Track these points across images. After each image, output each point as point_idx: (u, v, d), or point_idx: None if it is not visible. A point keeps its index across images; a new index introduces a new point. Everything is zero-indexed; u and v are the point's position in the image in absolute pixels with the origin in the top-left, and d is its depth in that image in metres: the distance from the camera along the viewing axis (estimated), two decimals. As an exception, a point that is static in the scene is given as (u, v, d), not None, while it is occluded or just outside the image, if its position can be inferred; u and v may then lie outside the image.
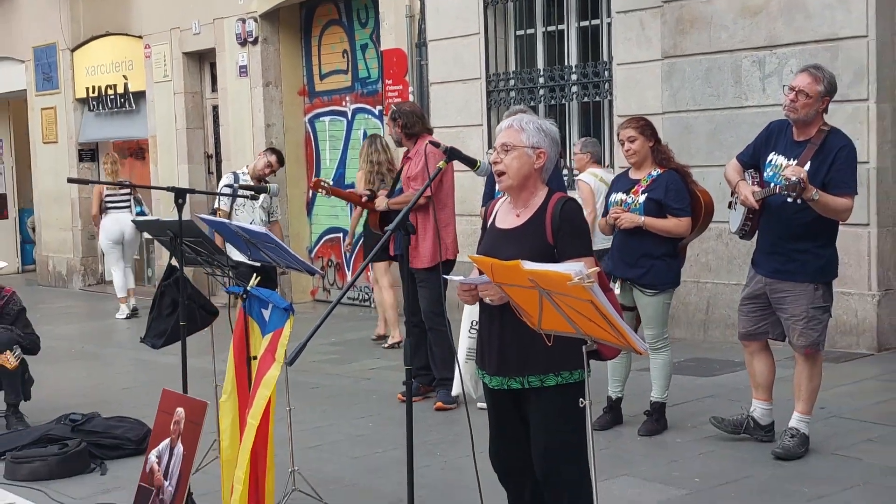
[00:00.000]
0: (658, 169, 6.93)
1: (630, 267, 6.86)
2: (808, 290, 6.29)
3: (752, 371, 6.65)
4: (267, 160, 10.38)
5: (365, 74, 13.70)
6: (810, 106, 6.18)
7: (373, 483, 6.45)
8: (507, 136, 4.57)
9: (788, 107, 6.22)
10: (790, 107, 6.21)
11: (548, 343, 4.20)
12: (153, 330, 6.88)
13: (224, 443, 5.40)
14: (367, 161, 10.68)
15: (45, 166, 18.91)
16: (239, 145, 14.85)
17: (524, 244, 4.46)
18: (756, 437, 6.58)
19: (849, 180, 6.21)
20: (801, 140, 6.28)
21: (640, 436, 6.97)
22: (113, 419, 7.66)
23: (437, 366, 8.17)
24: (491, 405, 4.71)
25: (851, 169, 6.26)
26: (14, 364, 7.84)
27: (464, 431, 4.61)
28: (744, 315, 6.60)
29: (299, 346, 4.18)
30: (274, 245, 5.86)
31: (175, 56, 15.92)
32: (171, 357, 7.95)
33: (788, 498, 5.72)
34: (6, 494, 6.57)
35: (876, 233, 8.85)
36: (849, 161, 6.22)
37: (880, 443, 6.60)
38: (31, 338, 8.32)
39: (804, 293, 6.29)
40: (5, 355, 7.82)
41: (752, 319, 6.55)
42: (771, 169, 6.33)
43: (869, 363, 8.60)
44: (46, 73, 18.60)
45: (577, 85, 11.03)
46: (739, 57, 9.47)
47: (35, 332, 8.44)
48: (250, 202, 10.06)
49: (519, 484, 4.68)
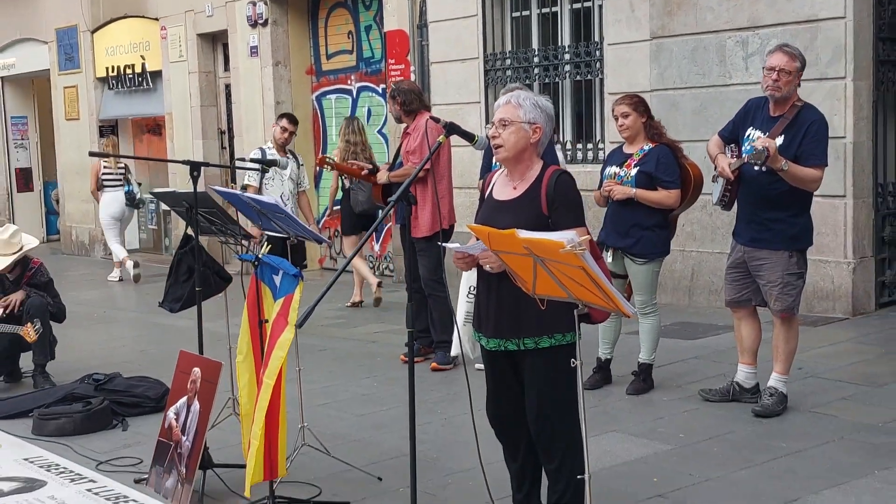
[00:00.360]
0: (650, 144, 6.93)
1: (622, 237, 6.87)
2: (783, 257, 6.30)
3: (739, 336, 6.65)
4: (281, 126, 10.30)
5: (369, 54, 13.65)
6: (790, 82, 6.19)
7: (377, 438, 6.47)
8: (505, 111, 4.56)
9: (771, 87, 6.20)
10: (773, 86, 6.19)
11: (541, 307, 4.21)
12: (171, 295, 6.89)
13: (242, 399, 5.44)
14: (344, 140, 11.07)
15: (68, 142, 18.88)
16: (250, 121, 14.83)
17: (520, 214, 4.46)
18: (743, 400, 6.58)
19: (819, 152, 6.21)
20: (776, 115, 6.28)
21: (628, 395, 6.99)
22: (133, 379, 7.69)
23: (436, 329, 8.20)
24: (488, 365, 4.72)
25: (822, 142, 6.24)
26: (34, 337, 7.86)
27: (462, 390, 4.63)
28: (728, 283, 6.60)
29: (308, 311, 4.18)
30: (283, 215, 5.86)
31: (189, 37, 15.87)
32: (186, 321, 7.98)
33: (768, 452, 5.74)
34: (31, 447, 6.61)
35: (851, 204, 8.84)
36: (819, 134, 6.21)
37: (854, 401, 6.62)
38: (59, 306, 8.35)
39: (779, 260, 6.30)
40: (26, 328, 7.83)
41: (735, 287, 6.55)
42: (748, 143, 6.33)
43: (844, 327, 8.62)
44: (68, 53, 18.54)
45: (570, 64, 10.98)
46: (724, 37, 9.44)
47: (62, 301, 8.46)
48: (279, 176, 10.00)
49: (514, 438, 4.71)
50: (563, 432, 4.49)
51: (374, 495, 5.46)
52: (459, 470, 5.70)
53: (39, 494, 5.76)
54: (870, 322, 8.70)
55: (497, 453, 4.85)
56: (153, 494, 5.61)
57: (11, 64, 20.30)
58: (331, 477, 5.72)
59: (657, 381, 7.13)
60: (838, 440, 5.91)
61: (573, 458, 4.47)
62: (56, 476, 6.06)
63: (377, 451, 6.16)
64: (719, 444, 5.94)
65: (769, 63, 6.24)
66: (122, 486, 5.82)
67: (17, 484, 5.97)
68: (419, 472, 4.47)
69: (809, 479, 5.31)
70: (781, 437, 6.00)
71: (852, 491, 5.13)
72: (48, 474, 6.10)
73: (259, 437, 4.97)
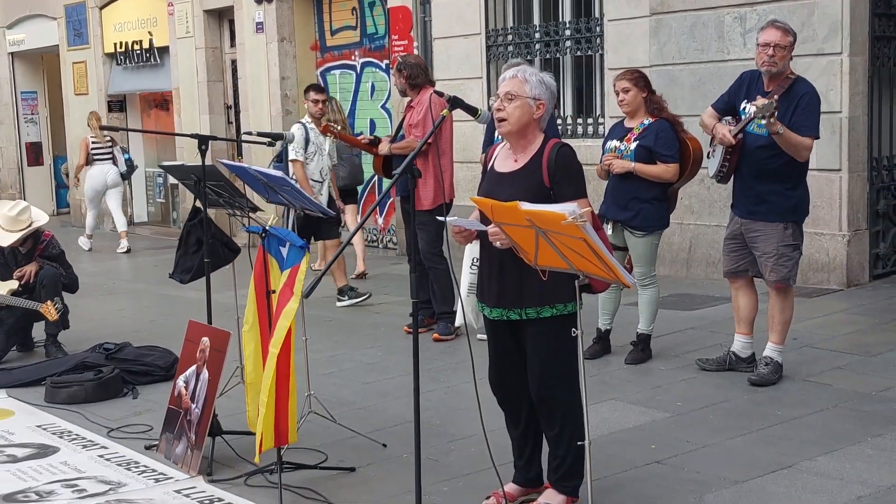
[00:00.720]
0: (650, 118, 6.92)
1: (621, 209, 6.87)
2: (779, 229, 6.31)
3: (736, 306, 6.67)
4: (312, 100, 10.06)
5: (373, 30, 13.61)
6: (784, 57, 6.21)
7: (381, 406, 6.50)
8: (511, 85, 4.56)
9: (767, 62, 6.19)
10: (769, 62, 6.19)
11: (543, 278, 4.24)
12: (180, 266, 6.91)
13: (248, 368, 5.45)
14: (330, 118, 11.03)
15: (77, 116, 18.82)
16: (256, 96, 14.80)
17: (521, 186, 4.47)
18: (739, 369, 6.60)
19: (811, 123, 6.21)
20: (769, 88, 6.27)
21: (627, 364, 7.01)
22: (143, 348, 7.72)
23: (437, 301, 8.21)
24: (491, 335, 4.74)
25: (814, 113, 6.25)
26: (55, 316, 7.92)
27: (464, 360, 4.65)
28: (726, 254, 6.62)
29: (314, 281, 4.20)
30: (290, 188, 5.87)
31: (196, 13, 15.82)
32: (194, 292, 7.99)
33: (764, 420, 5.77)
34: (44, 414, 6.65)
35: (847, 178, 8.83)
36: (811, 105, 6.22)
37: (848, 370, 6.64)
38: (71, 276, 8.38)
39: (774, 232, 6.31)
40: (47, 306, 7.88)
41: (732, 258, 6.57)
42: (745, 116, 6.34)
43: (838, 298, 8.63)
44: (77, 29, 18.49)
45: (571, 40, 10.96)
46: (722, 13, 9.40)
47: (74, 272, 8.49)
48: (320, 151, 9.88)
49: (516, 406, 4.73)
50: (563, 400, 4.52)
51: (378, 461, 5.50)
52: (462, 437, 5.73)
53: (53, 460, 5.80)
54: (864, 293, 8.72)
55: (498, 421, 4.88)
56: (163, 460, 5.66)
57: (21, 40, 20.25)
58: (337, 443, 5.76)
59: (655, 351, 7.15)
60: (832, 408, 5.94)
61: (573, 425, 4.51)
62: (69, 442, 6.10)
63: (382, 419, 6.19)
64: (715, 412, 5.97)
65: (763, 39, 6.22)
66: (133, 452, 5.86)
67: (32, 450, 6.01)
68: (423, 439, 4.49)
69: (804, 446, 5.34)
70: (776, 405, 6.03)
71: (846, 457, 5.16)
72: (61, 441, 6.14)
73: (266, 404, 5.00)
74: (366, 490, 5.12)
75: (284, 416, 5.09)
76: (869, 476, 4.91)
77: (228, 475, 5.36)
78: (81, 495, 5.23)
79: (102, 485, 5.36)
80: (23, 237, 8.06)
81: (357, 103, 13.91)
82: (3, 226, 8.04)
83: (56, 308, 7.89)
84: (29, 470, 5.64)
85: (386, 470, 5.37)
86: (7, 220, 8.03)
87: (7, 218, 8.03)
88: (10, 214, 8.03)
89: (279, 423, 5.07)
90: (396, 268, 11.46)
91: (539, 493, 4.74)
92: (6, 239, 8.02)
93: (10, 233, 8.01)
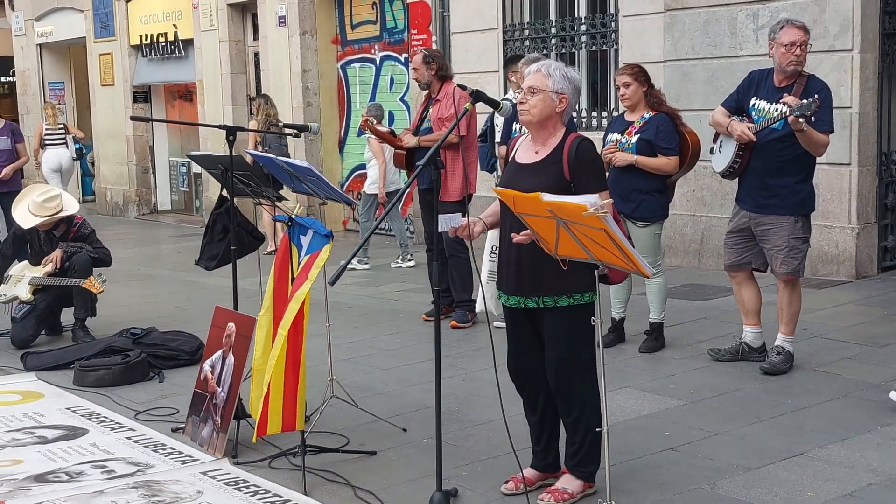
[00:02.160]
0: (650, 112, 6.90)
1: (623, 201, 6.80)
2: (789, 222, 6.27)
3: (741, 299, 6.64)
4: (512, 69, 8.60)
5: (392, 25, 13.59)
6: (806, 54, 6.17)
7: (401, 391, 6.49)
8: (534, 79, 4.54)
9: (795, 62, 6.14)
10: (797, 61, 6.14)
11: (563, 267, 4.23)
12: (206, 253, 6.88)
13: (257, 353, 5.36)
14: (263, 114, 12.16)
15: (103, 106, 18.90)
16: (278, 88, 14.79)
17: (542, 177, 4.45)
18: (752, 359, 6.57)
19: (828, 119, 6.18)
20: (782, 85, 6.22)
21: (641, 352, 6.99)
22: (169, 333, 7.72)
23: (457, 289, 8.19)
24: (509, 322, 4.73)
25: (829, 109, 6.22)
26: (100, 289, 7.96)
27: (482, 347, 4.64)
28: (730, 248, 6.57)
29: (340, 269, 4.20)
30: (315, 178, 5.86)
31: (220, 7, 15.82)
32: (218, 279, 8.02)
33: (775, 409, 5.75)
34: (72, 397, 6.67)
35: (856, 171, 8.79)
36: (827, 102, 6.18)
37: (857, 360, 6.61)
38: (102, 251, 8.40)
39: (785, 225, 6.27)
40: (90, 280, 7.92)
41: (737, 251, 6.53)
42: (755, 113, 6.30)
43: (848, 289, 8.60)
44: (104, 21, 18.51)
45: (586, 35, 10.92)
46: (735, 10, 9.36)
47: (104, 246, 8.50)
48: None
49: (534, 392, 4.72)
50: (580, 387, 4.51)
51: (399, 445, 5.49)
52: (480, 422, 5.72)
53: (82, 441, 5.82)
54: (872, 285, 8.68)
55: (516, 407, 4.88)
56: (189, 443, 5.66)
57: (49, 32, 20.29)
58: (358, 427, 5.75)
59: (668, 339, 7.13)
60: (842, 397, 5.91)
61: (590, 411, 4.50)
62: (97, 425, 6.12)
63: (402, 404, 6.19)
64: (729, 401, 5.95)
65: (787, 39, 6.14)
66: (160, 435, 5.87)
67: (61, 431, 6.03)
68: (442, 425, 4.49)
69: (815, 434, 5.32)
70: (788, 394, 6.01)
71: (856, 446, 5.14)
72: (90, 423, 6.16)
73: (272, 386, 4.97)
74: (387, 473, 5.11)
75: (292, 403, 5.07)
76: (879, 464, 4.89)
77: (253, 457, 5.36)
78: (110, 476, 5.24)
79: (131, 466, 5.37)
80: (46, 222, 8.09)
81: (376, 96, 13.89)
82: (31, 209, 8.10)
83: (100, 281, 7.94)
84: (59, 451, 5.66)
85: (406, 454, 5.36)
86: (35, 205, 8.09)
87: (35, 203, 8.09)
88: (38, 200, 8.09)
89: (287, 409, 5.05)
90: (414, 256, 11.45)
91: (556, 478, 4.73)
92: (29, 221, 8.06)
93: (35, 216, 8.05)
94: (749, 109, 6.35)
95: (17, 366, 7.54)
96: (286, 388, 5.06)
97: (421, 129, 8.35)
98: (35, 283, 8.10)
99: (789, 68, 6.17)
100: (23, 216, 8.10)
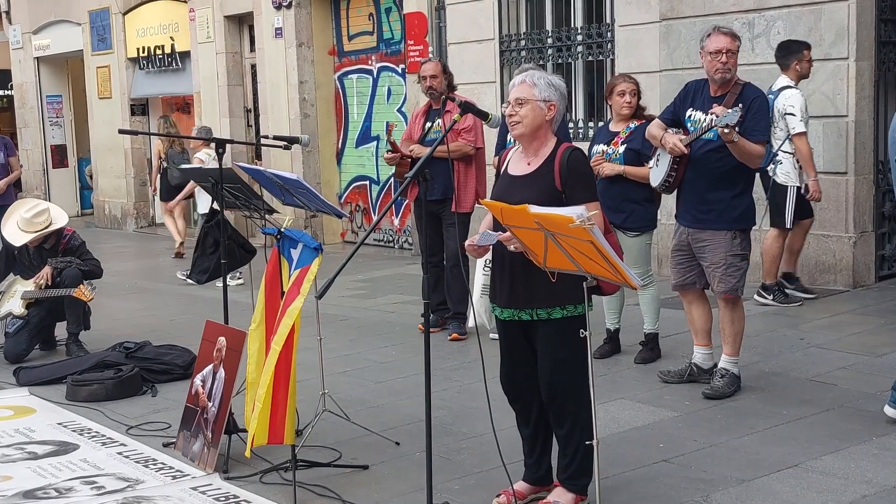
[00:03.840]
0: (635, 121, 6.90)
1: (613, 212, 6.72)
2: (726, 238, 6.07)
3: (691, 318, 6.44)
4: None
5: (389, 36, 13.59)
6: (735, 62, 6.06)
7: (394, 405, 6.47)
8: (520, 90, 4.54)
9: (722, 69, 5.98)
10: (723, 69, 5.98)
11: (552, 279, 4.21)
12: (198, 267, 6.90)
13: (250, 367, 5.35)
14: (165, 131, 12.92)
15: (101, 119, 18.90)
16: (275, 100, 14.80)
17: (534, 190, 4.44)
18: (701, 380, 6.36)
19: (762, 128, 6.03)
20: (717, 95, 6.09)
21: (636, 363, 6.96)
22: (162, 347, 7.71)
23: (454, 301, 8.16)
24: (502, 335, 4.72)
25: (765, 118, 6.08)
26: (90, 297, 7.93)
27: (476, 359, 4.61)
28: (673, 267, 6.38)
29: (328, 282, 4.18)
30: (305, 191, 5.84)
31: (217, 19, 15.83)
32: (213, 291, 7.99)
33: (769, 419, 5.72)
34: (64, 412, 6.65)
35: (853, 180, 8.77)
36: (762, 110, 6.03)
37: (853, 370, 6.59)
38: (92, 262, 8.37)
39: (722, 241, 6.07)
40: (81, 289, 7.90)
41: (680, 271, 6.33)
42: (691, 124, 6.15)
43: (845, 299, 8.58)
44: (101, 34, 18.54)
45: (583, 45, 10.92)
46: (731, 19, 9.35)
47: (94, 258, 8.47)
48: None
49: (526, 404, 4.70)
50: (574, 399, 4.49)
51: (391, 459, 5.47)
52: (473, 435, 5.70)
53: (73, 457, 5.79)
54: (869, 294, 8.66)
55: (509, 420, 4.86)
56: (181, 457, 5.64)
57: (47, 45, 20.31)
58: (350, 441, 5.73)
59: (664, 350, 7.11)
60: (838, 408, 5.89)
61: (583, 424, 4.47)
62: (88, 440, 6.10)
63: (395, 417, 6.17)
64: (723, 411, 5.92)
65: (713, 47, 6.01)
66: (151, 450, 5.84)
67: (52, 447, 6.00)
68: (435, 437, 4.48)
69: (810, 445, 5.29)
70: (782, 404, 5.98)
71: (851, 456, 5.11)
72: (81, 438, 6.14)
73: (263, 399, 4.96)
74: (378, 488, 5.09)
75: (281, 416, 5.05)
76: (874, 475, 4.87)
77: (244, 472, 5.34)
78: (100, 492, 5.22)
79: (121, 481, 5.35)
80: (36, 238, 8.07)
81: (374, 107, 13.90)
82: (20, 226, 8.08)
83: (91, 290, 7.92)
84: (49, 467, 5.64)
85: (398, 468, 5.34)
86: (24, 222, 8.07)
87: (23, 219, 8.07)
88: (27, 216, 8.07)
89: (275, 421, 5.04)
90: (411, 268, 11.44)
91: (548, 490, 4.72)
92: (19, 238, 8.05)
93: (25, 233, 8.04)
94: (685, 121, 6.21)
95: (10, 381, 7.52)
96: (275, 400, 5.04)
97: (426, 140, 8.19)
98: (27, 297, 8.09)
99: (717, 76, 6.03)
100: (12, 233, 8.08)
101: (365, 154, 14.12)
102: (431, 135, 8.14)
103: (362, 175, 14.26)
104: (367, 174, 14.11)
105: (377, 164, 13.88)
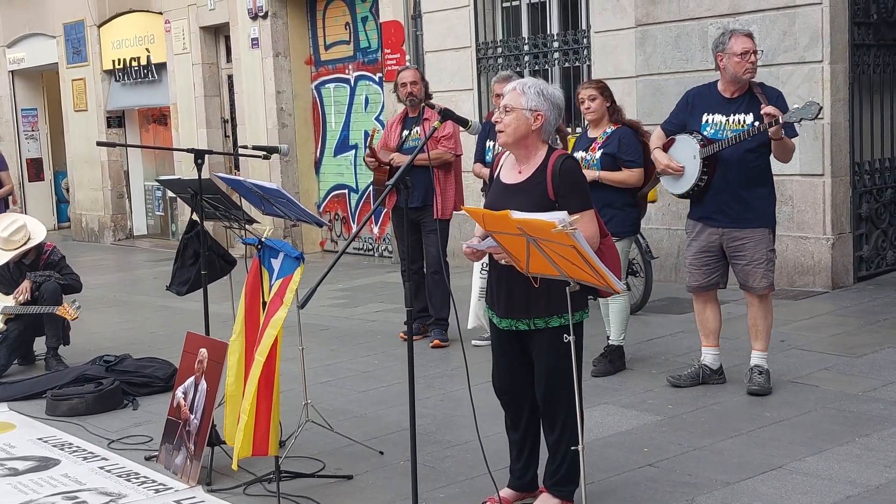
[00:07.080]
0: (612, 126, 6.88)
1: None
2: (766, 234, 6.19)
3: (704, 319, 6.46)
4: None
5: (366, 45, 13.58)
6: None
7: (378, 414, 6.44)
8: (509, 98, 4.52)
9: (751, 70, 6.06)
10: (753, 68, 6.08)
11: (535, 284, 4.20)
12: (178, 278, 6.83)
13: (230, 379, 5.30)
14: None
15: (77, 132, 18.80)
16: (252, 110, 14.76)
17: (527, 199, 4.40)
18: (712, 381, 6.42)
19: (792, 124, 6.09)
20: (734, 96, 6.13)
21: (593, 376, 6.71)
22: (143, 360, 7.66)
23: (436, 307, 8.14)
24: (498, 342, 4.69)
25: None
26: (74, 315, 7.89)
27: (460, 366, 4.61)
28: (697, 269, 6.36)
29: (310, 291, 4.15)
30: (285, 200, 5.81)
31: (193, 30, 15.78)
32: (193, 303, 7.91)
33: (753, 421, 5.72)
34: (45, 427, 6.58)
35: (830, 182, 8.81)
36: (786, 105, 6.09)
37: (834, 371, 6.60)
38: (72, 277, 8.33)
39: (763, 238, 6.17)
40: (64, 308, 7.85)
41: (705, 272, 6.33)
42: (711, 128, 6.17)
43: (824, 300, 8.60)
44: (76, 47, 18.44)
45: (559, 52, 10.93)
46: (706, 24, 9.38)
47: (73, 272, 8.43)
48: None
49: (518, 409, 4.69)
50: (567, 406, 4.47)
51: (375, 469, 5.44)
52: (458, 443, 5.68)
53: (54, 473, 5.74)
54: (848, 295, 8.69)
55: (494, 426, 4.84)
56: (163, 471, 5.59)
57: (21, 58, 20.20)
58: (334, 451, 5.70)
59: (646, 354, 7.11)
60: (820, 409, 5.89)
61: (570, 429, 4.46)
62: (69, 455, 6.04)
63: (378, 426, 6.13)
64: (706, 415, 5.92)
65: (740, 48, 6.04)
66: (133, 464, 5.79)
67: (32, 463, 5.94)
68: (419, 446, 4.45)
69: (793, 447, 5.30)
70: (765, 406, 5.98)
71: (834, 457, 5.12)
72: (62, 453, 6.08)
73: (248, 412, 4.93)
74: (363, 498, 5.06)
75: (265, 428, 5.02)
76: (857, 476, 4.87)
77: (227, 485, 5.29)
78: (82, 506, 5.17)
79: (103, 496, 5.29)
80: (15, 256, 8.07)
81: (351, 115, 13.88)
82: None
83: (74, 308, 7.88)
84: (30, 483, 5.58)
85: (383, 477, 5.31)
86: (1, 241, 8.06)
87: (1, 238, 8.05)
88: (4, 235, 8.06)
89: (259, 433, 5.00)
90: (392, 276, 11.41)
91: (534, 497, 4.70)
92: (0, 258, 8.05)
93: (4, 252, 8.06)
94: (702, 127, 6.22)
95: (-11, 396, 7.45)
96: (258, 411, 5.01)
97: (404, 147, 8.16)
98: (7, 313, 8.02)
99: (745, 76, 6.08)
100: None
101: (343, 163, 14.09)
102: (410, 142, 8.12)
103: (341, 184, 14.23)
104: (346, 183, 14.08)
105: (356, 173, 13.86)
